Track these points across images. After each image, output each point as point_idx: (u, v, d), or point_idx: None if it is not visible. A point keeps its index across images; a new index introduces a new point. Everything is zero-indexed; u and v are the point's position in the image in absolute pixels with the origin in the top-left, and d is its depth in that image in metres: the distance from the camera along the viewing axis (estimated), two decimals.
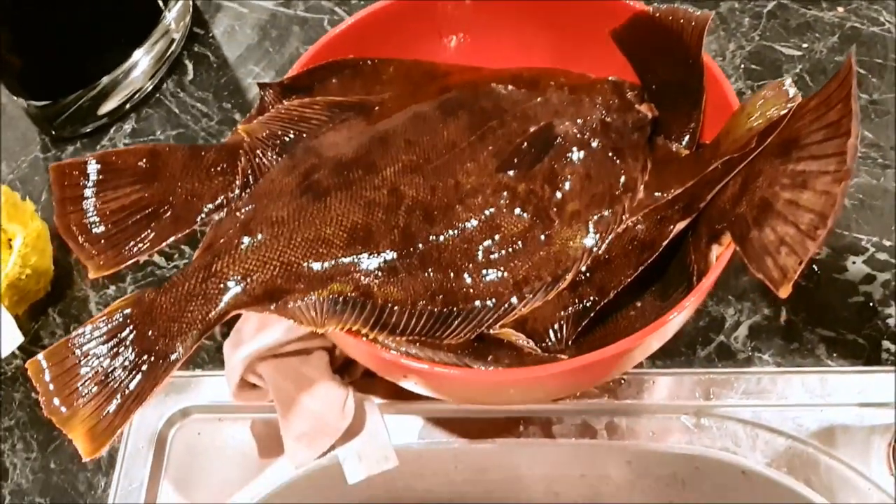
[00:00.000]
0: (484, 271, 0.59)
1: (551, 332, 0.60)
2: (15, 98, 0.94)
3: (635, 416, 0.72)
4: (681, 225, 0.59)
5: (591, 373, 0.60)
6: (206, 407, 0.76)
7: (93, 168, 0.61)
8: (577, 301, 0.60)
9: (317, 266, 0.57)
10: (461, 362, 0.56)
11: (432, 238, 0.59)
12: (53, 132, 0.94)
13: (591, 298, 0.60)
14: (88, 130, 0.94)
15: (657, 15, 0.65)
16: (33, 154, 0.94)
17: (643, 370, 0.72)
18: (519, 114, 0.63)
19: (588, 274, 0.61)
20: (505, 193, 0.60)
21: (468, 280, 0.58)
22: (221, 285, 0.57)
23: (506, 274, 0.58)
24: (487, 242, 0.59)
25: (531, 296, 0.58)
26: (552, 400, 0.72)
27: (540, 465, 0.76)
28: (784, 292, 0.49)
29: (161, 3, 0.95)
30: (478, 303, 0.58)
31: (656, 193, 0.61)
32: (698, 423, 0.71)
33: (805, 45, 0.89)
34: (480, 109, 0.64)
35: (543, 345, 0.59)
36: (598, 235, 0.60)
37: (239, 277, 0.57)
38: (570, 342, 0.60)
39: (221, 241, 0.58)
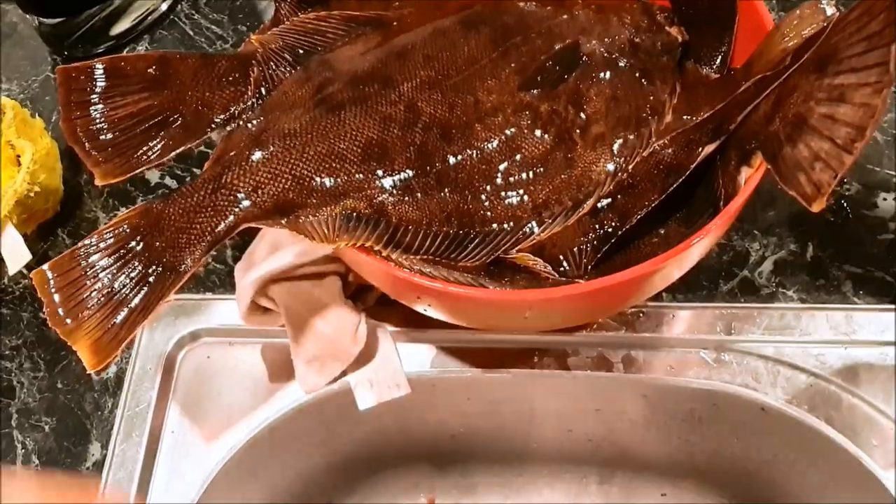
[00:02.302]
0: (502, 194, 0.56)
1: (570, 256, 0.58)
2: (27, 16, 0.92)
3: (653, 350, 0.70)
4: (710, 148, 0.57)
5: (609, 297, 0.58)
6: (216, 330, 0.75)
7: (100, 72, 0.59)
8: (598, 227, 0.59)
9: (329, 181, 0.55)
10: (476, 283, 0.54)
11: (450, 157, 0.57)
12: (65, 52, 0.92)
13: (613, 224, 0.58)
14: (101, 51, 0.92)
15: None
16: (44, 74, 0.93)
17: (663, 303, 0.71)
18: (544, 30, 0.61)
19: (611, 198, 0.59)
20: (527, 113, 0.58)
21: (486, 202, 0.56)
22: (231, 197, 0.55)
23: (525, 197, 0.56)
24: (506, 164, 0.57)
25: (550, 220, 0.56)
26: (569, 329, 0.70)
27: (554, 398, 0.75)
28: (818, 206, 0.47)
29: None
30: (495, 226, 0.56)
31: (685, 117, 0.58)
32: (718, 358, 0.69)
33: None
34: (503, 25, 0.61)
35: (561, 269, 0.57)
36: (622, 159, 0.57)
37: (249, 190, 0.55)
38: (588, 268, 0.58)
39: (232, 153, 0.56)
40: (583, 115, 0.58)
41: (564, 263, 0.58)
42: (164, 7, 0.93)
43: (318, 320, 0.69)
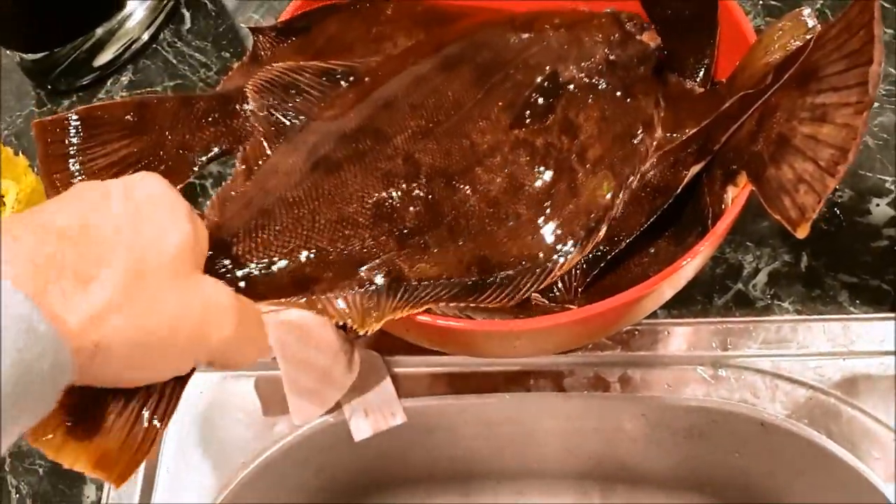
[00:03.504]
0: (515, 235, 0.56)
1: (560, 281, 0.57)
2: (8, 52, 0.92)
3: (649, 368, 0.69)
4: (695, 168, 0.56)
5: (601, 322, 0.57)
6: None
7: (77, 124, 0.58)
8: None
9: (345, 250, 0.53)
10: (462, 314, 0.54)
11: (458, 205, 0.55)
12: (49, 86, 0.92)
13: (602, 248, 0.57)
14: (85, 83, 0.91)
15: None
16: (28, 108, 0.92)
17: (657, 320, 0.70)
18: (521, 64, 0.60)
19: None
20: (523, 150, 0.57)
21: (501, 246, 0.55)
22: (242, 274, 0.52)
23: (537, 235, 0.55)
24: (513, 203, 0.56)
25: (566, 254, 0.55)
26: (563, 352, 0.69)
27: (551, 419, 0.74)
28: (802, 233, 0.46)
29: None
30: (513, 270, 0.55)
31: (670, 134, 0.58)
32: (715, 375, 0.68)
33: None
34: (481, 63, 0.60)
35: (552, 295, 0.57)
36: (624, 177, 0.57)
37: (264, 265, 0.52)
38: (579, 292, 0.57)
39: (236, 225, 0.53)
40: (577, 142, 0.58)
41: (555, 287, 0.57)
42: (145, 37, 0.92)
43: (311, 351, 0.68)
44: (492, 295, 0.54)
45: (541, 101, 0.58)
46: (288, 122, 0.59)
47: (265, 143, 0.58)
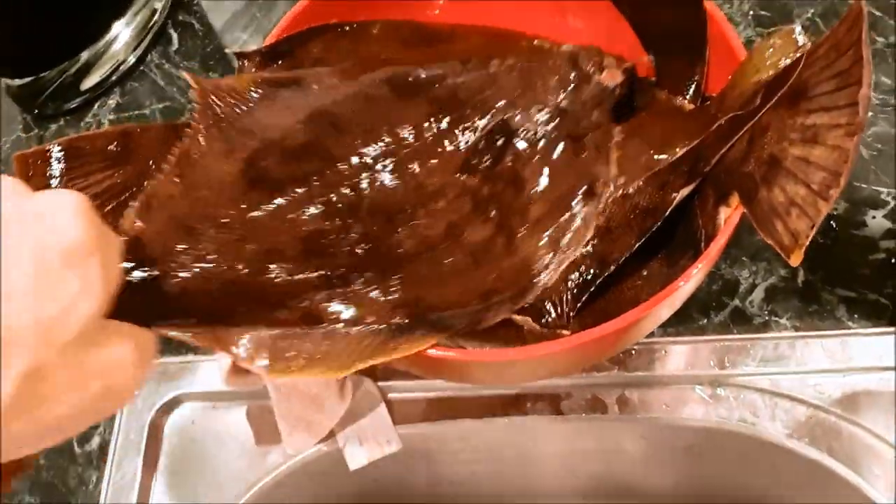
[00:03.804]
0: (449, 281, 0.54)
1: (551, 306, 0.56)
2: None
3: (647, 389, 0.68)
4: (685, 191, 0.55)
5: (596, 348, 0.56)
6: (199, 394, 0.73)
7: (59, 155, 0.56)
8: (577, 273, 0.57)
9: (264, 284, 0.50)
10: (454, 343, 0.53)
11: (393, 246, 0.53)
12: (36, 110, 0.91)
13: (593, 270, 0.56)
14: (72, 107, 0.91)
15: None
16: (15, 133, 0.91)
17: (654, 339, 0.69)
18: (478, 104, 0.58)
19: (588, 244, 0.57)
20: (468, 198, 0.55)
21: (432, 291, 0.53)
22: (152, 297, 0.47)
23: (470, 284, 0.53)
24: (451, 251, 0.54)
25: (497, 307, 0.53)
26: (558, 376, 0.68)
27: (550, 442, 0.73)
28: (795, 259, 0.45)
29: None
30: (442, 311, 0.53)
31: (657, 156, 0.57)
32: (714, 394, 0.67)
33: None
34: (437, 98, 0.58)
35: (544, 321, 0.56)
36: (563, 247, 0.55)
37: (177, 290, 0.48)
38: (571, 316, 0.56)
39: (155, 239, 0.49)
40: (522, 196, 0.56)
41: (546, 313, 0.56)
42: (132, 59, 0.91)
43: (300, 380, 0.68)
44: (416, 338, 0.52)
45: (492, 148, 0.57)
46: (228, 115, 0.55)
47: (201, 138, 0.54)
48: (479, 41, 0.66)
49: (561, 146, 0.57)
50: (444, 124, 0.57)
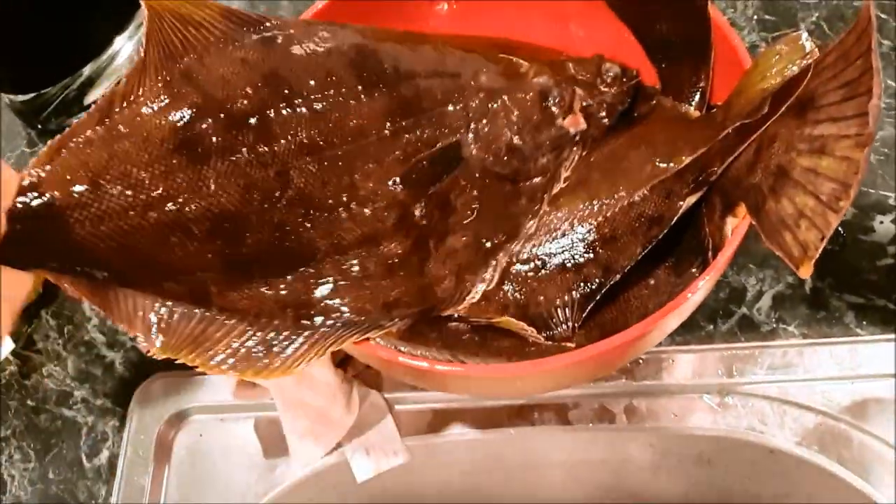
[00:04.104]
0: (353, 286, 0.53)
1: (556, 316, 0.56)
2: None
3: (655, 398, 0.68)
4: (691, 199, 0.55)
5: (603, 362, 0.56)
6: (206, 407, 0.73)
7: None
8: (581, 282, 0.56)
9: (160, 256, 0.49)
10: (455, 358, 0.53)
11: (305, 242, 0.52)
12: (39, 125, 0.91)
13: (597, 279, 0.56)
14: (76, 121, 0.90)
15: None
16: (19, 149, 0.91)
17: (662, 348, 0.69)
18: (436, 118, 0.55)
19: (593, 252, 0.57)
20: (395, 211, 0.54)
21: (334, 292, 0.52)
22: (41, 243, 0.46)
23: (375, 292, 0.53)
24: (363, 258, 0.53)
25: (398, 319, 0.53)
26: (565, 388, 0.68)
27: (557, 451, 0.73)
28: (805, 272, 0.45)
29: None
30: (339, 316, 0.52)
31: (662, 164, 0.57)
32: (722, 402, 0.67)
33: None
34: (399, 98, 0.54)
35: (548, 333, 0.55)
36: (466, 282, 0.56)
37: (67, 244, 0.47)
38: (576, 327, 0.56)
39: (59, 187, 0.46)
40: (444, 223, 0.56)
41: (551, 324, 0.56)
42: None
43: (307, 392, 0.67)
44: (300, 346, 0.51)
45: (435, 167, 0.55)
46: (175, 52, 0.50)
47: (141, 78, 0.49)
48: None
49: (499, 185, 0.57)
50: (397, 130, 0.54)
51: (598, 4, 0.65)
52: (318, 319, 0.52)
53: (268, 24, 0.53)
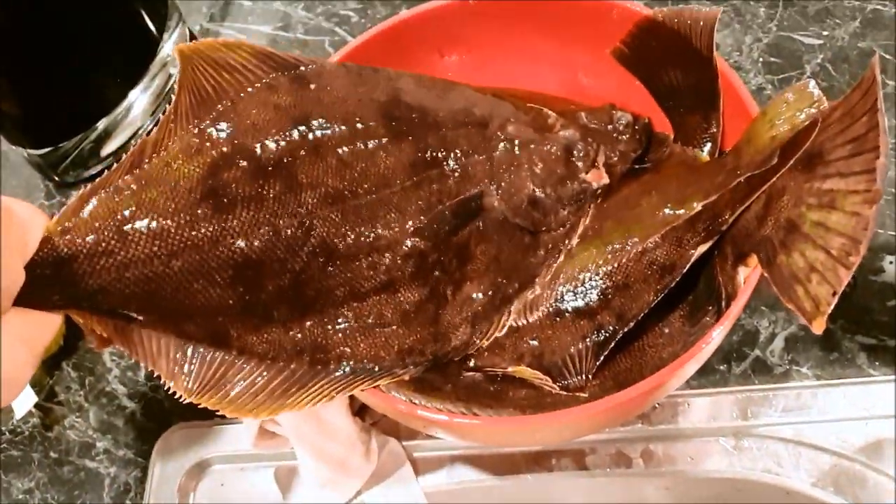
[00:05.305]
0: (369, 332, 0.54)
1: (571, 365, 0.57)
2: (14, 147, 0.92)
3: (671, 442, 0.69)
4: (702, 248, 0.56)
5: (619, 412, 0.57)
6: (227, 457, 0.74)
7: None
8: (595, 330, 0.57)
9: (183, 300, 0.49)
10: (469, 410, 0.53)
11: (324, 289, 0.53)
12: (56, 178, 0.92)
13: (611, 327, 0.57)
14: (93, 173, 0.92)
15: (661, 20, 0.62)
16: (38, 202, 0.92)
17: (677, 392, 0.69)
18: (459, 170, 0.56)
19: (606, 299, 0.57)
20: (414, 260, 0.54)
21: (350, 338, 0.53)
22: (68, 287, 0.47)
23: (391, 339, 0.54)
24: (379, 305, 0.54)
25: (408, 370, 0.54)
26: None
27: (575, 497, 0.73)
28: (818, 327, 0.46)
29: (156, 33, 0.92)
30: (354, 362, 0.53)
31: (674, 211, 0.57)
32: (738, 445, 0.68)
33: (825, 33, 0.85)
34: (426, 147, 0.56)
35: (563, 382, 0.56)
36: (480, 332, 0.56)
37: (94, 288, 0.47)
38: (590, 376, 0.57)
39: (86, 235, 0.47)
40: (462, 271, 0.57)
41: (565, 372, 0.57)
42: (150, 124, 0.92)
43: (327, 441, 0.68)
44: (318, 387, 0.52)
45: (456, 217, 0.56)
46: (208, 98, 0.52)
47: (178, 118, 0.51)
48: None
49: (519, 237, 0.58)
50: (421, 180, 0.55)
51: (605, 54, 0.66)
52: (333, 365, 0.53)
53: (302, 67, 0.54)
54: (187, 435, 0.75)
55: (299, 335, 0.52)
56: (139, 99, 0.91)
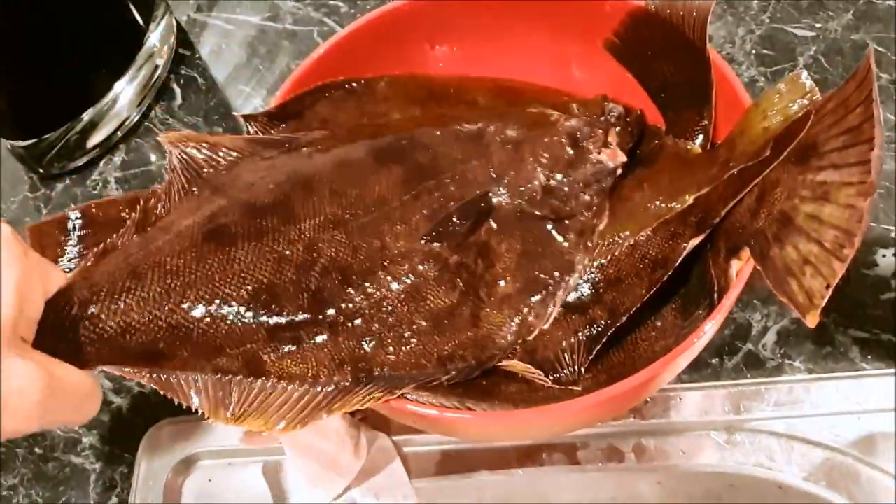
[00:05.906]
0: (405, 341, 0.54)
1: (563, 359, 0.56)
2: None
3: (663, 436, 0.68)
4: (695, 241, 0.55)
5: (611, 406, 0.56)
6: (215, 452, 0.73)
7: (72, 224, 0.57)
8: (587, 324, 0.57)
9: (207, 331, 0.51)
10: (462, 404, 0.53)
11: (347, 304, 0.53)
12: (41, 170, 0.91)
13: (603, 321, 0.56)
14: (78, 165, 0.91)
15: (654, 10, 0.62)
16: (22, 194, 0.91)
17: (669, 386, 0.69)
18: (457, 175, 0.57)
19: (598, 294, 0.57)
20: (434, 263, 0.55)
21: (386, 348, 0.53)
22: (94, 333, 0.50)
23: (429, 346, 0.54)
24: (411, 313, 0.54)
25: (451, 375, 0.54)
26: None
27: (567, 491, 0.73)
28: (811, 321, 0.45)
29: (143, 24, 0.91)
30: (394, 370, 0.53)
31: (666, 204, 0.57)
32: (730, 439, 0.67)
33: (818, 25, 0.85)
34: (416, 165, 0.57)
35: (555, 376, 0.56)
36: (525, 330, 0.55)
37: (118, 331, 0.50)
38: (583, 370, 0.56)
39: (104, 279, 0.51)
40: (491, 271, 0.56)
41: (558, 366, 0.56)
42: (136, 116, 0.91)
43: (315, 437, 0.67)
44: (363, 394, 0.52)
45: (466, 219, 0.56)
46: (203, 175, 0.56)
47: (172, 194, 0.56)
48: (487, 97, 0.66)
49: (541, 226, 0.57)
50: (418, 192, 0.56)
51: (599, 47, 0.66)
52: (377, 372, 0.53)
53: (292, 141, 0.59)
54: (174, 430, 0.74)
55: (334, 351, 0.53)
56: (125, 90, 0.90)
